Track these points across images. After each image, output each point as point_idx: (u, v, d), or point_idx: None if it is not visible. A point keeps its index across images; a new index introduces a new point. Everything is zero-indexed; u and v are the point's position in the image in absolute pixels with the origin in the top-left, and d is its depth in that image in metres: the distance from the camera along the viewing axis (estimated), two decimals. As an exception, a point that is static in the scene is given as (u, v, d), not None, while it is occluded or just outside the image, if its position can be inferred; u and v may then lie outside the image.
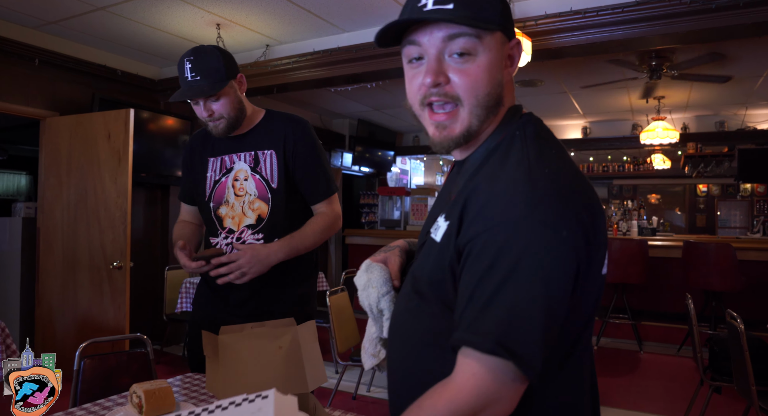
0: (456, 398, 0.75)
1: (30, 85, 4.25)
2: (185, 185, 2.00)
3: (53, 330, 4.25)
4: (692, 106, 6.71)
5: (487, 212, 0.78)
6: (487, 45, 0.83)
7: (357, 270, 3.99)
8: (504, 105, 0.90)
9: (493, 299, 0.74)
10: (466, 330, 0.76)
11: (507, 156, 0.84)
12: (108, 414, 1.45)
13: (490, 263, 0.75)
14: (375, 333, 1.14)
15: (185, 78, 1.71)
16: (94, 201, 4.08)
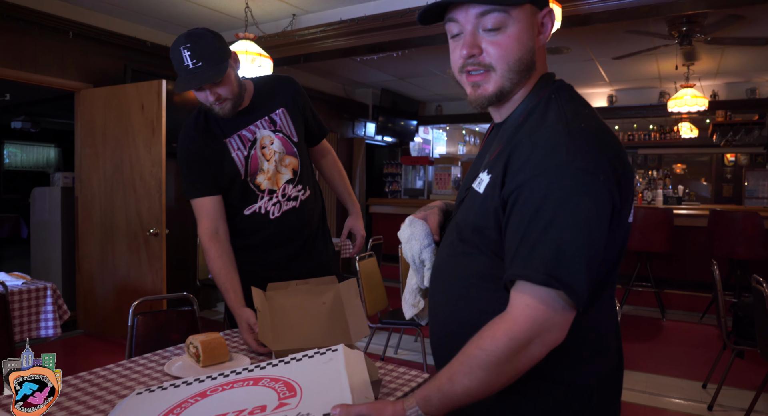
0: (513, 328, 0.84)
1: (65, 57, 4.35)
2: (204, 178, 1.86)
3: (94, 295, 4.46)
4: (722, 72, 6.57)
5: (531, 162, 0.87)
6: (516, 17, 0.93)
7: (382, 237, 4.09)
8: (536, 69, 0.99)
9: (541, 238, 0.83)
10: (519, 267, 0.85)
11: (546, 114, 0.94)
12: (167, 363, 1.57)
13: (537, 206, 0.84)
14: (415, 284, 1.22)
15: (186, 66, 1.65)
16: (130, 170, 4.21)
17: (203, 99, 1.77)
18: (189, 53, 1.64)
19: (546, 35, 0.98)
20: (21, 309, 2.69)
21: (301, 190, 1.96)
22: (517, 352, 0.84)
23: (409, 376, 1.54)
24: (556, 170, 0.84)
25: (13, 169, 11.30)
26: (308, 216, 1.98)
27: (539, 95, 0.98)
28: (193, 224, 5.43)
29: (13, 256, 8.23)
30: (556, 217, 0.83)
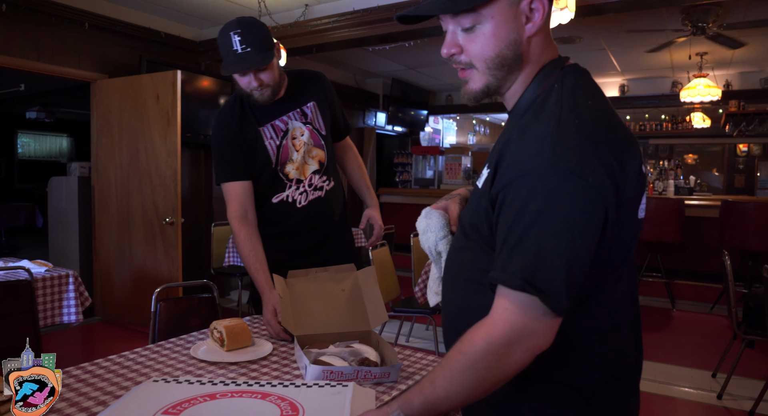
0: (492, 332, 0.83)
1: (81, 48, 4.41)
2: (237, 163, 1.92)
3: (111, 283, 4.54)
4: (736, 62, 6.52)
5: (517, 161, 0.85)
6: (488, 14, 0.91)
7: (394, 227, 4.12)
8: (527, 61, 0.95)
9: (521, 241, 0.82)
10: (498, 270, 0.84)
11: (542, 109, 0.90)
12: (193, 347, 1.63)
13: (519, 208, 0.82)
14: (436, 273, 1.26)
15: (234, 51, 1.73)
16: (146, 160, 4.27)
17: (245, 84, 1.82)
18: (239, 38, 1.71)
19: (536, 22, 0.93)
20: (44, 296, 2.76)
21: (326, 181, 2.03)
22: (497, 357, 0.83)
23: (427, 361, 1.58)
24: (540, 171, 0.82)
25: (26, 159, 11.43)
26: (332, 206, 2.07)
27: (543, 84, 0.95)
28: (206, 212, 5.50)
29: (31, 245, 8.36)
30: (536, 220, 0.81)
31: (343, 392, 1.20)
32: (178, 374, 1.43)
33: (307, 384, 1.25)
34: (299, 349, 1.47)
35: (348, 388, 1.21)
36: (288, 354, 1.62)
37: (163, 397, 1.18)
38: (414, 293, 3.52)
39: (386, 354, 1.52)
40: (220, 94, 5.28)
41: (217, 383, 1.27)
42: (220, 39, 1.76)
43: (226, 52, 1.75)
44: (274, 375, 1.44)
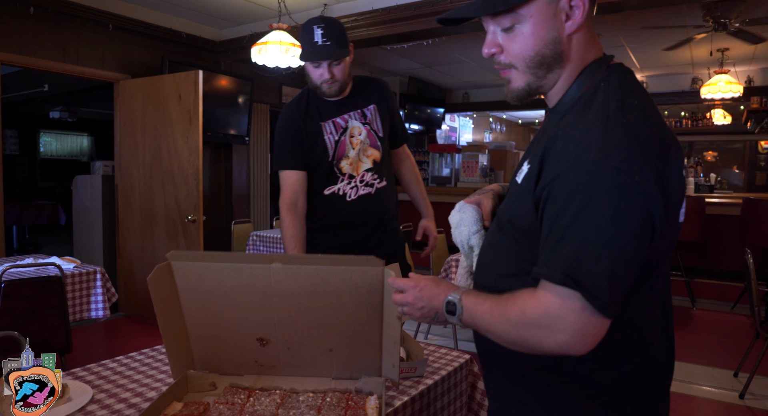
0: (527, 305, 0.86)
1: (105, 49, 4.49)
2: (297, 153, 2.05)
3: (134, 279, 4.63)
4: (758, 57, 6.43)
5: (564, 157, 0.85)
6: (526, 13, 0.92)
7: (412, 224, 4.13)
8: (568, 59, 0.95)
9: (564, 236, 0.82)
10: (541, 265, 0.85)
11: (589, 106, 0.90)
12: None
13: (564, 203, 0.83)
14: (466, 268, 1.26)
15: (314, 42, 1.88)
16: (168, 159, 4.35)
17: (317, 76, 1.95)
18: (321, 32, 1.86)
19: (576, 20, 0.92)
20: (73, 291, 2.84)
21: (377, 179, 2.11)
22: (525, 326, 0.85)
23: (452, 357, 1.61)
24: (587, 166, 0.82)
25: (48, 158, 11.64)
26: (381, 204, 2.13)
27: (588, 83, 0.94)
28: (227, 211, 5.57)
29: (54, 242, 8.53)
30: (580, 215, 0.81)
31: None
32: (210, 367, 1.47)
33: None
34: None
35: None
36: (315, 349, 1.65)
37: None
38: (434, 290, 3.54)
39: (412, 350, 1.54)
40: (239, 94, 5.34)
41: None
42: (303, 31, 1.90)
43: (307, 42, 1.90)
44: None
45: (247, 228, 5.14)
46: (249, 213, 5.80)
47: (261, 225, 5.90)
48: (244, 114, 5.42)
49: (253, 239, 4.76)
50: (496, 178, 8.23)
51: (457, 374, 1.54)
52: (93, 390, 1.27)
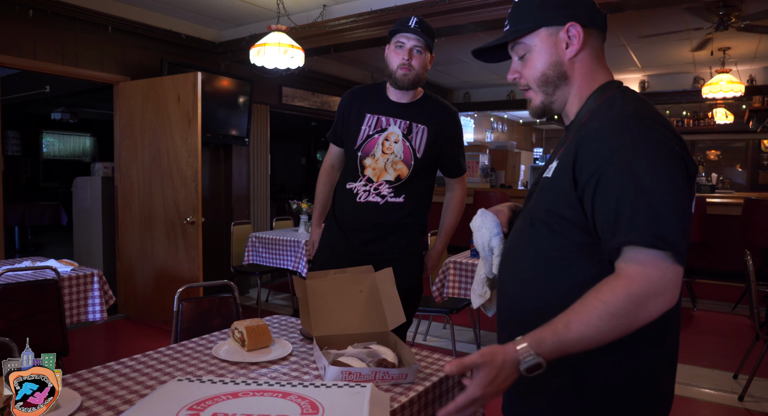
0: (631, 285, 0.90)
1: (104, 51, 4.50)
2: (338, 128, 2.24)
3: (134, 281, 4.64)
4: (761, 57, 6.39)
5: (606, 143, 0.98)
6: (531, 43, 1.13)
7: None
8: (574, 78, 1.13)
9: (638, 206, 0.92)
10: (624, 234, 0.92)
11: (612, 106, 1.05)
12: (215, 347, 1.67)
13: (624, 180, 0.93)
14: (483, 274, 1.31)
15: (407, 25, 2.02)
16: (167, 160, 4.35)
17: (398, 59, 2.04)
18: (416, 20, 2.02)
19: (574, 47, 1.10)
20: (71, 294, 2.84)
21: (392, 194, 2.13)
22: (636, 307, 0.90)
23: (444, 362, 1.60)
24: (635, 145, 0.95)
25: (50, 158, 11.67)
26: (386, 217, 2.13)
27: (602, 97, 1.10)
28: (227, 212, 5.57)
29: (56, 243, 8.55)
30: (646, 185, 0.92)
31: (361, 392, 1.22)
32: (201, 373, 1.47)
33: (326, 385, 1.28)
34: (318, 350, 1.50)
35: (366, 389, 1.23)
36: (307, 354, 1.65)
37: (188, 396, 1.21)
38: (431, 292, 3.53)
39: (404, 356, 1.54)
40: (239, 95, 5.34)
41: (239, 382, 1.30)
42: (399, 20, 2.05)
43: (400, 23, 2.04)
44: (294, 376, 1.48)
45: (247, 229, 5.14)
46: (249, 215, 5.80)
47: (261, 226, 5.90)
48: (244, 115, 5.42)
49: (252, 240, 4.76)
50: (497, 177, 8.22)
51: (449, 380, 1.53)
52: (82, 398, 1.27)
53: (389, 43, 2.09)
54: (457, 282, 3.42)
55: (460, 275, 3.41)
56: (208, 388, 1.26)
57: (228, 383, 1.29)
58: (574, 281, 1.02)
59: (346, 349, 1.57)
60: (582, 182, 0.99)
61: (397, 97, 2.14)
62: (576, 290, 0.97)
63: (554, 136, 14.55)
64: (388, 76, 2.10)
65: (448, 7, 4.02)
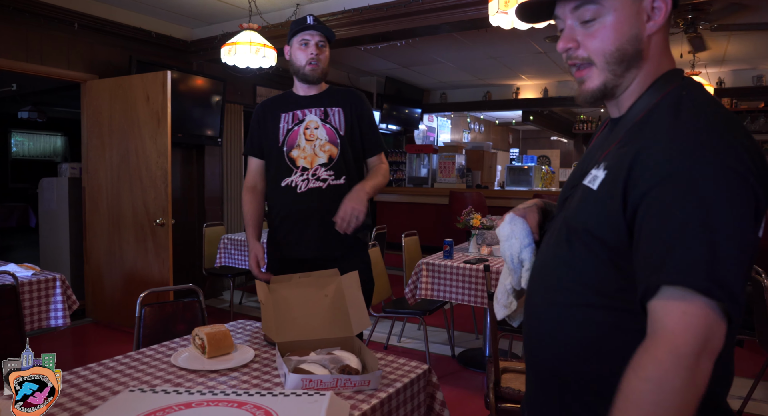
0: (676, 343, 0.73)
1: (70, 49, 4.38)
2: (255, 139, 2.28)
3: (102, 284, 4.53)
4: (729, 60, 6.52)
5: (671, 160, 0.80)
6: (611, 6, 0.90)
7: (386, 227, 4.08)
8: (647, 59, 0.93)
9: (695, 242, 0.75)
10: (671, 272, 0.75)
11: (679, 110, 0.86)
12: (174, 355, 1.62)
13: (685, 207, 0.77)
14: (509, 284, 1.18)
15: (308, 23, 2.13)
16: (136, 161, 4.25)
17: (305, 55, 2.13)
18: (312, 18, 2.14)
19: (657, 21, 0.91)
20: (31, 300, 2.75)
21: (332, 176, 2.17)
22: (689, 372, 0.72)
23: (409, 367, 1.57)
24: (702, 168, 0.77)
25: (20, 158, 11.38)
26: (333, 201, 2.09)
27: (665, 90, 0.91)
28: (198, 213, 5.49)
29: (23, 245, 8.33)
30: (708, 219, 0.75)
31: (320, 401, 1.19)
32: (158, 383, 1.43)
33: (285, 393, 1.25)
34: (280, 357, 1.46)
35: (325, 397, 1.20)
36: (270, 360, 1.61)
37: (138, 407, 1.17)
38: (405, 294, 3.51)
39: (368, 361, 1.51)
40: (212, 94, 5.26)
41: (194, 392, 1.26)
42: (295, 21, 2.17)
43: (299, 23, 2.14)
44: (254, 384, 1.44)
45: (219, 230, 5.06)
46: (222, 216, 5.71)
47: (234, 227, 5.82)
48: (217, 115, 5.34)
49: (224, 242, 4.69)
50: (473, 178, 8.25)
51: (414, 385, 1.51)
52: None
53: (289, 45, 2.19)
54: (430, 284, 3.40)
55: (433, 277, 3.39)
56: (160, 399, 1.21)
57: (182, 393, 1.25)
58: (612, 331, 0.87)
59: (308, 356, 1.53)
60: (632, 201, 0.82)
61: (306, 92, 2.24)
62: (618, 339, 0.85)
63: (531, 137, 14.68)
64: (295, 73, 2.19)
65: (421, 7, 4.00)
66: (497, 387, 2.17)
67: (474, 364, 3.62)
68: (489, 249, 3.68)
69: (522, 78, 7.79)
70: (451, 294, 3.33)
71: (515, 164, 8.16)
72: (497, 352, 2.19)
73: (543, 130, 12.48)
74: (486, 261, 3.39)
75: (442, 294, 3.37)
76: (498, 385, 2.18)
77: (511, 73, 7.47)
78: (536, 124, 10.48)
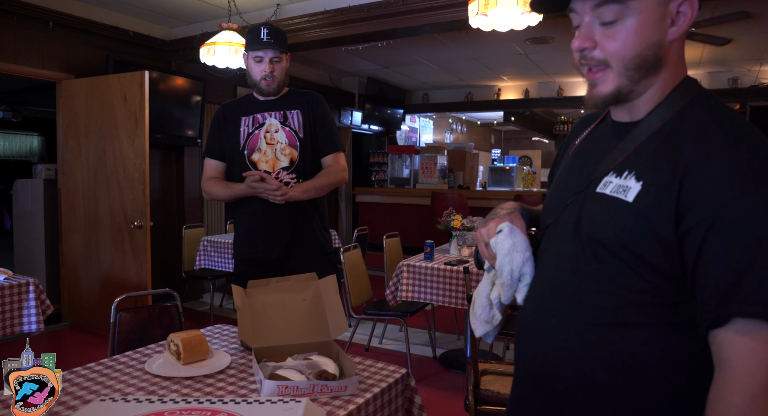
0: (749, 383, 0.71)
1: (45, 48, 4.30)
2: (215, 142, 2.28)
3: (78, 288, 4.45)
4: (705, 62, 6.63)
5: (730, 181, 0.76)
6: (635, 8, 0.84)
7: (368, 228, 4.04)
8: (665, 66, 0.88)
9: (765, 270, 0.72)
10: (744, 304, 0.72)
11: (721, 123, 0.82)
12: (148, 361, 1.59)
13: (752, 234, 0.74)
14: (497, 298, 1.08)
15: (260, 38, 2.13)
16: (113, 162, 4.19)
17: (259, 71, 2.16)
18: (267, 31, 2.13)
19: (681, 27, 0.86)
20: (3, 305, 2.68)
21: (294, 179, 2.20)
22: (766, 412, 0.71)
23: (387, 372, 1.57)
24: (766, 191, 0.74)
25: (-5, 158, 11.16)
26: (295, 205, 2.17)
27: (686, 98, 0.88)
28: (178, 215, 5.42)
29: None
30: None
31: (295, 408, 1.18)
32: (131, 391, 1.40)
33: (260, 401, 1.23)
34: (256, 363, 1.44)
35: (300, 404, 1.19)
36: (246, 366, 1.59)
37: None
38: (385, 295, 3.50)
39: (345, 366, 1.50)
40: (192, 94, 5.20)
41: (167, 401, 1.24)
42: (250, 31, 2.17)
43: (254, 39, 2.14)
44: (230, 391, 1.42)
45: (199, 232, 5.01)
46: (202, 218, 5.65)
47: (214, 229, 5.76)
48: (197, 115, 5.28)
49: (204, 244, 4.64)
50: (455, 178, 8.27)
51: (392, 390, 1.50)
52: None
53: (247, 54, 2.20)
54: (411, 286, 3.40)
55: (414, 278, 3.39)
56: (131, 408, 1.19)
57: (155, 401, 1.23)
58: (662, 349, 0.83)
59: (285, 361, 1.52)
60: (689, 222, 0.78)
61: (266, 97, 2.27)
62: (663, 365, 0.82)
63: (512, 137, 14.77)
64: (252, 86, 2.23)
65: (402, 8, 4.00)
66: (477, 390, 2.17)
67: (455, 365, 3.63)
68: (470, 251, 3.69)
69: (503, 79, 7.83)
70: (432, 296, 3.33)
71: (497, 164, 8.21)
72: (477, 355, 2.19)
73: (524, 131, 12.57)
74: (466, 262, 3.40)
75: (423, 295, 3.37)
76: (477, 388, 2.18)
77: (493, 74, 7.51)
78: (517, 124, 10.55)
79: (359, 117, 8.04)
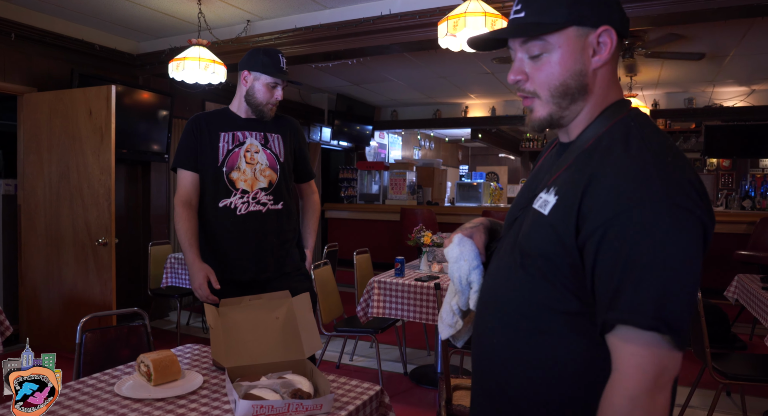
0: (628, 386, 0.79)
1: (6, 60, 4.19)
2: (190, 152, 2.21)
3: (38, 308, 4.30)
4: (663, 83, 6.90)
5: (621, 195, 0.82)
6: (556, 43, 0.93)
7: (338, 244, 4.08)
8: (592, 93, 0.96)
9: (644, 279, 0.79)
10: (623, 311, 0.79)
11: (628, 143, 0.88)
12: (118, 383, 1.56)
13: (635, 245, 0.79)
14: (456, 304, 1.17)
15: (280, 67, 2.19)
16: (77, 178, 4.09)
17: (271, 95, 2.19)
18: (285, 60, 2.23)
19: (603, 56, 0.94)
20: (-40, 326, 2.58)
21: (271, 200, 2.22)
22: (645, 411, 0.78)
23: (361, 389, 1.57)
24: (651, 205, 0.80)
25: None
26: (272, 225, 2.21)
27: (612, 119, 0.95)
28: (144, 232, 5.31)
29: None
30: (657, 257, 0.79)
31: None
32: (100, 414, 1.37)
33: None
34: (230, 383, 1.43)
35: None
36: (219, 386, 1.58)
37: None
38: (356, 312, 3.50)
39: (320, 384, 1.50)
40: (159, 108, 5.14)
41: None
42: (269, 54, 2.18)
43: (272, 64, 2.17)
44: (203, 412, 1.40)
45: (166, 249, 4.91)
46: (168, 234, 5.55)
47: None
48: (164, 130, 5.21)
49: (171, 262, 4.55)
50: (424, 194, 8.34)
51: (367, 407, 1.51)
52: (-44, 449, 1.14)
53: (250, 72, 2.18)
54: (381, 302, 3.40)
55: (385, 295, 3.40)
56: None
57: None
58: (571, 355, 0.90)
59: (259, 380, 1.51)
60: (585, 232, 0.85)
61: (247, 115, 2.27)
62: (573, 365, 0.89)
63: (479, 154, 15.01)
64: (253, 106, 2.22)
65: (372, 27, 4.06)
66: (449, 406, 2.19)
67: (426, 381, 3.64)
68: (440, 267, 3.73)
69: (470, 97, 7.98)
70: (403, 312, 3.35)
71: (465, 181, 8.32)
72: (448, 370, 2.21)
73: (491, 147, 12.79)
74: (437, 278, 3.43)
75: (394, 311, 3.38)
76: (450, 403, 2.20)
77: (460, 92, 7.65)
78: (485, 141, 10.74)
79: (328, 133, 8.06)
